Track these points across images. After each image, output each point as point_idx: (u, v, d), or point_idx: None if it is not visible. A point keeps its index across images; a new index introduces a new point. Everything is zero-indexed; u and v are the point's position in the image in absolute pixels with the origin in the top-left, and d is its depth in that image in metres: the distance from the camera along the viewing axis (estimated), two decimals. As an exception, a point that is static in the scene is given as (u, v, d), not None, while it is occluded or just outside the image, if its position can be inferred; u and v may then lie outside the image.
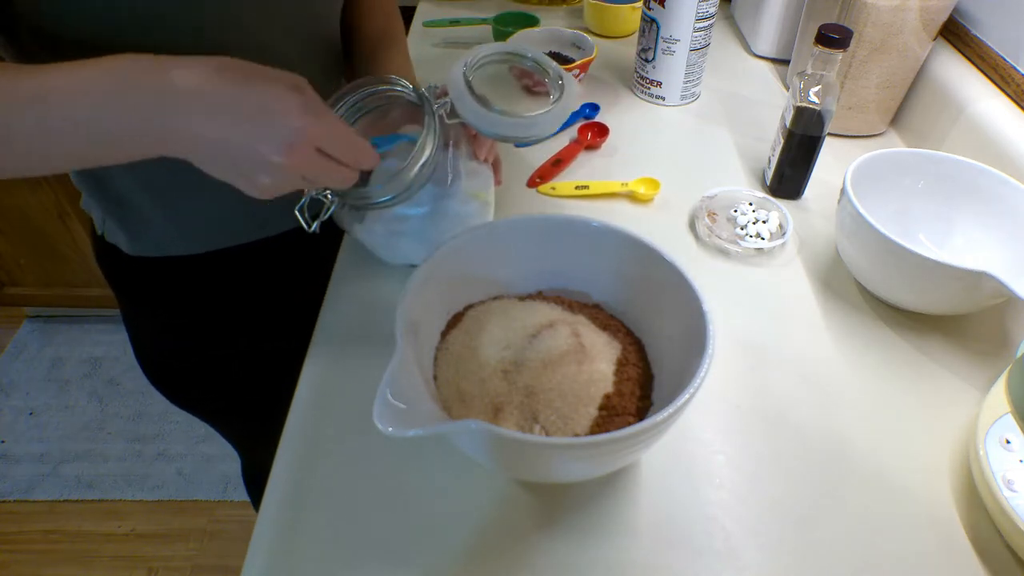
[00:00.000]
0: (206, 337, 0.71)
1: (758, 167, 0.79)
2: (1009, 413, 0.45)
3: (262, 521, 0.45)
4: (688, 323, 0.44)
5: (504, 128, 0.49)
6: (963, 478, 0.48)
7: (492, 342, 0.47)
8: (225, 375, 0.74)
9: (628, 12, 1.04)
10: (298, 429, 0.50)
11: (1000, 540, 0.44)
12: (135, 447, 1.54)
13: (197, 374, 0.73)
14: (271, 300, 0.71)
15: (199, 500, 1.44)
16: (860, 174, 0.61)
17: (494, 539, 0.44)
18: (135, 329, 0.73)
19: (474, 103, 0.48)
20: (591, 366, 0.46)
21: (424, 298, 0.46)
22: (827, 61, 0.65)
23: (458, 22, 1.06)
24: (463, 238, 0.50)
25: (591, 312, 0.52)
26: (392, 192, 0.48)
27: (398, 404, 0.36)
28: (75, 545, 1.38)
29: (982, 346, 0.58)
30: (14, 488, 1.46)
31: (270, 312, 0.72)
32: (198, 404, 0.79)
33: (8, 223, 1.55)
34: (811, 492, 0.47)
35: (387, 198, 0.48)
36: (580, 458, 0.39)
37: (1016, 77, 0.70)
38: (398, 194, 0.48)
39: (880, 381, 0.55)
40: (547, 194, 0.74)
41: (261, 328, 0.72)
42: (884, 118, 0.84)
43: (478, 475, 0.47)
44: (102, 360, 1.73)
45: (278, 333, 0.70)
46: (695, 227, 0.70)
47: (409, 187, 0.48)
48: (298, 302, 0.64)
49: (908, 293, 0.58)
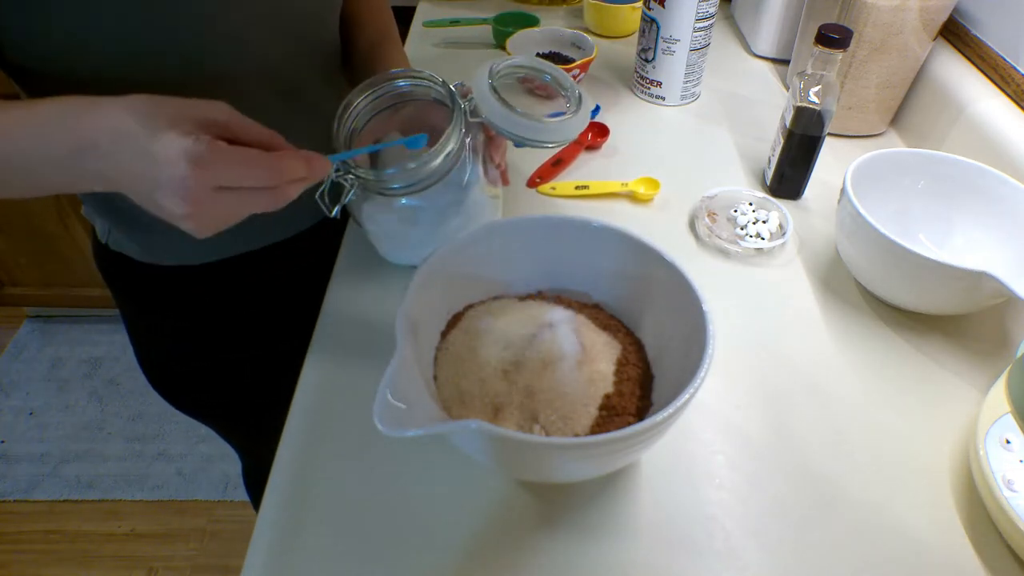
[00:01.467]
0: (213, 342, 0.71)
1: (758, 167, 0.79)
2: (1009, 413, 0.45)
3: (262, 521, 0.45)
4: (688, 323, 0.44)
5: (525, 130, 0.50)
6: (963, 478, 0.48)
7: (492, 342, 0.47)
8: (229, 379, 0.74)
9: (628, 12, 1.04)
10: (298, 429, 0.50)
11: (1000, 540, 0.44)
12: (135, 447, 1.54)
13: (201, 378, 0.73)
14: (278, 303, 0.71)
15: (199, 500, 1.44)
16: (860, 174, 0.61)
17: (494, 539, 0.44)
18: (139, 334, 0.73)
19: (498, 104, 0.49)
20: (591, 366, 0.46)
21: (424, 298, 0.46)
22: (827, 61, 0.65)
23: (458, 22, 1.06)
24: (463, 238, 0.50)
25: (591, 312, 0.52)
26: (412, 178, 0.49)
27: (398, 404, 0.36)
28: (75, 545, 1.38)
29: (982, 346, 0.58)
30: (14, 488, 1.46)
31: (277, 315, 0.72)
32: (201, 408, 0.79)
33: (8, 223, 1.55)
34: (811, 492, 0.47)
35: (406, 184, 0.49)
36: (580, 458, 0.39)
37: (1016, 77, 0.70)
38: (418, 180, 0.49)
39: (880, 381, 0.55)
40: (547, 194, 0.74)
41: (267, 331, 0.72)
42: (884, 118, 0.84)
43: (478, 475, 0.47)
44: (102, 360, 1.73)
45: (283, 335, 0.70)
46: (695, 227, 0.70)
47: (431, 175, 0.49)
48: (303, 304, 0.65)
49: (908, 293, 0.58)
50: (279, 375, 0.63)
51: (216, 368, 0.73)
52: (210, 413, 0.80)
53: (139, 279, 0.66)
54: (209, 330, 0.70)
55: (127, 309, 0.71)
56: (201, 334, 0.70)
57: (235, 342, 0.72)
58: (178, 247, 0.63)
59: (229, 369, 0.73)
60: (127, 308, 0.71)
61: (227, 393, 0.75)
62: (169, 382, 0.75)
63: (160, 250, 0.64)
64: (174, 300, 0.68)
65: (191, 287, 0.67)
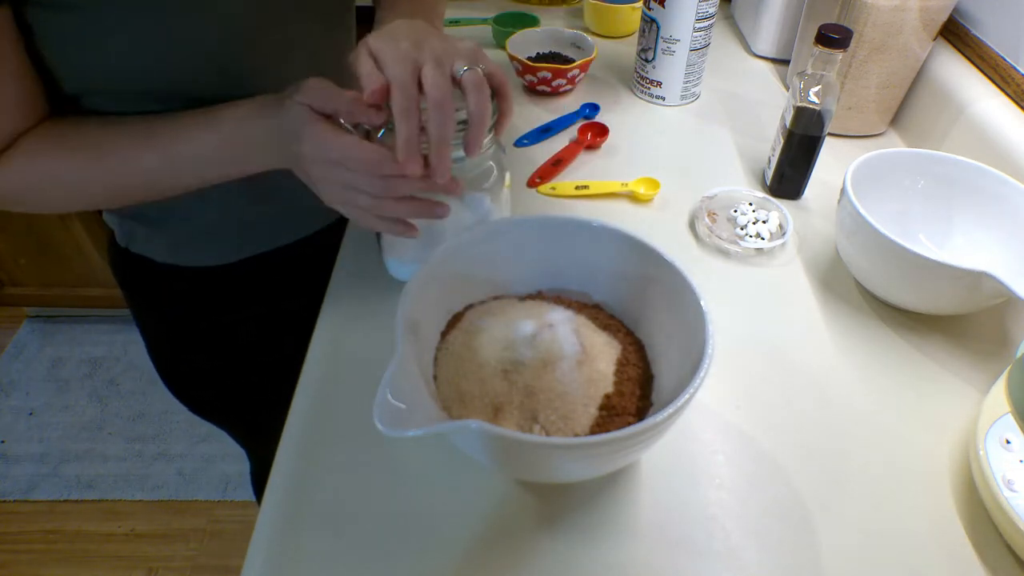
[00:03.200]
0: (228, 342, 0.72)
1: (758, 167, 0.79)
2: (1009, 413, 0.45)
3: (262, 521, 0.45)
4: (688, 323, 0.44)
5: None
6: (963, 478, 0.48)
7: (492, 342, 0.47)
8: (242, 379, 0.75)
9: (628, 12, 1.04)
10: (298, 429, 0.50)
11: (1000, 540, 0.44)
12: (135, 447, 1.54)
13: (216, 378, 0.74)
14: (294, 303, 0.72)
15: (199, 500, 1.44)
16: (860, 174, 0.61)
17: (494, 539, 0.44)
18: (157, 336, 0.73)
19: None
20: (591, 366, 0.46)
21: (424, 298, 0.46)
22: (827, 61, 0.65)
23: (458, 22, 1.06)
24: (463, 238, 0.50)
25: (591, 312, 0.52)
26: None
27: (398, 404, 0.36)
28: (75, 545, 1.38)
29: (982, 346, 0.58)
30: (14, 488, 1.46)
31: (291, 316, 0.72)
32: (214, 408, 0.79)
33: (8, 223, 1.55)
34: (811, 492, 0.47)
35: None
36: (580, 458, 0.39)
37: (1016, 77, 0.70)
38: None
39: (880, 381, 0.55)
40: (547, 194, 0.74)
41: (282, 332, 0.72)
42: (884, 118, 0.84)
43: (478, 475, 0.47)
44: (102, 360, 1.73)
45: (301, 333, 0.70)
46: (695, 227, 0.70)
47: None
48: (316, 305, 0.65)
49: (908, 293, 0.58)
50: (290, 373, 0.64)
51: (230, 368, 0.73)
52: (223, 413, 0.81)
53: (159, 281, 0.67)
54: (225, 330, 0.71)
55: (144, 312, 0.71)
56: (217, 334, 0.71)
57: (250, 343, 0.72)
58: (201, 248, 0.65)
59: (243, 369, 0.74)
60: (145, 311, 0.71)
61: (241, 393, 0.76)
62: (185, 383, 0.75)
63: (183, 252, 0.65)
64: (194, 301, 0.68)
65: (211, 288, 0.68)
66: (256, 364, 0.74)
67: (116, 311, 1.76)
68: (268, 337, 0.73)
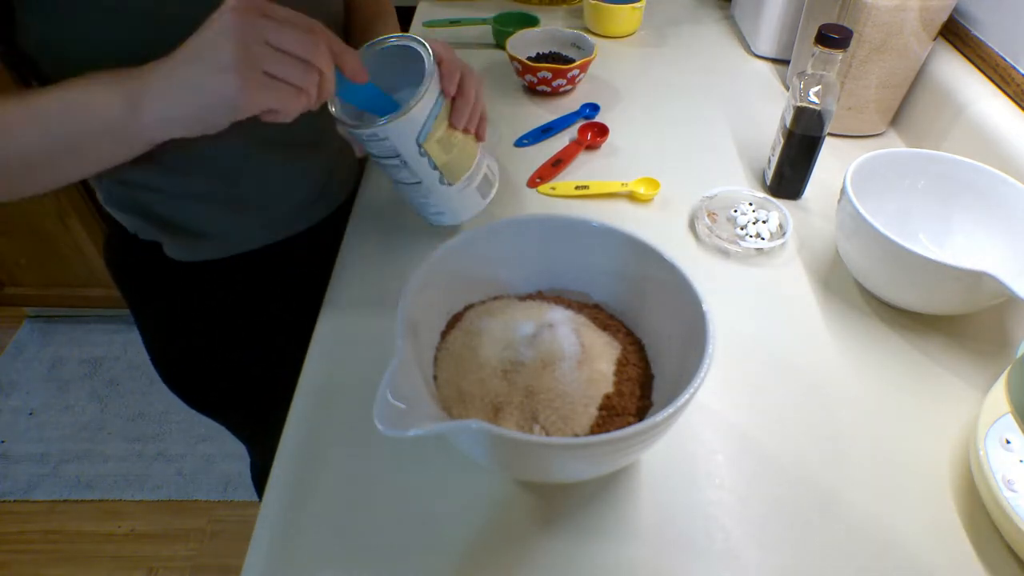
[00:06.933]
0: (230, 338, 0.72)
1: (758, 167, 0.79)
2: (1009, 413, 0.45)
3: (262, 521, 0.45)
4: (688, 323, 0.44)
5: None
6: (963, 478, 0.48)
7: (492, 342, 0.47)
8: (244, 375, 0.75)
9: (628, 12, 1.04)
10: (298, 429, 0.50)
11: (1000, 540, 0.44)
12: (135, 447, 1.53)
13: (217, 375, 0.74)
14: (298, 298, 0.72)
15: (199, 500, 1.44)
16: (860, 174, 0.61)
17: (494, 539, 0.44)
18: (157, 332, 0.73)
19: None
20: (591, 366, 0.46)
21: (424, 298, 0.46)
22: (827, 61, 0.65)
23: (458, 22, 1.06)
24: (463, 238, 0.50)
25: (591, 312, 0.52)
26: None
27: (398, 404, 0.36)
28: (75, 545, 1.38)
29: (982, 346, 0.58)
30: (14, 488, 1.46)
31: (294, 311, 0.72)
32: (215, 404, 0.79)
33: (8, 223, 1.55)
34: (811, 492, 0.47)
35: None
36: (580, 458, 0.39)
37: (1016, 77, 0.70)
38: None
39: (880, 381, 0.55)
40: (547, 194, 0.74)
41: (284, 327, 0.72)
42: (884, 118, 0.84)
43: (478, 475, 0.47)
44: (102, 360, 1.73)
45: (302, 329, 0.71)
46: (695, 227, 0.70)
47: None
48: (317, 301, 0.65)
49: (908, 293, 0.58)
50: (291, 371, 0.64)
51: (232, 364, 0.73)
52: (223, 409, 0.81)
53: (163, 275, 0.67)
54: (228, 326, 0.71)
55: (145, 308, 0.71)
56: (220, 330, 0.71)
57: (252, 338, 0.72)
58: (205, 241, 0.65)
59: (245, 365, 0.74)
60: (145, 307, 0.71)
61: (241, 390, 0.76)
62: (185, 379, 0.75)
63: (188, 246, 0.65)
64: (196, 296, 0.68)
65: (214, 282, 0.68)
66: (260, 361, 0.74)
67: (116, 311, 1.76)
68: (269, 330, 0.73)
